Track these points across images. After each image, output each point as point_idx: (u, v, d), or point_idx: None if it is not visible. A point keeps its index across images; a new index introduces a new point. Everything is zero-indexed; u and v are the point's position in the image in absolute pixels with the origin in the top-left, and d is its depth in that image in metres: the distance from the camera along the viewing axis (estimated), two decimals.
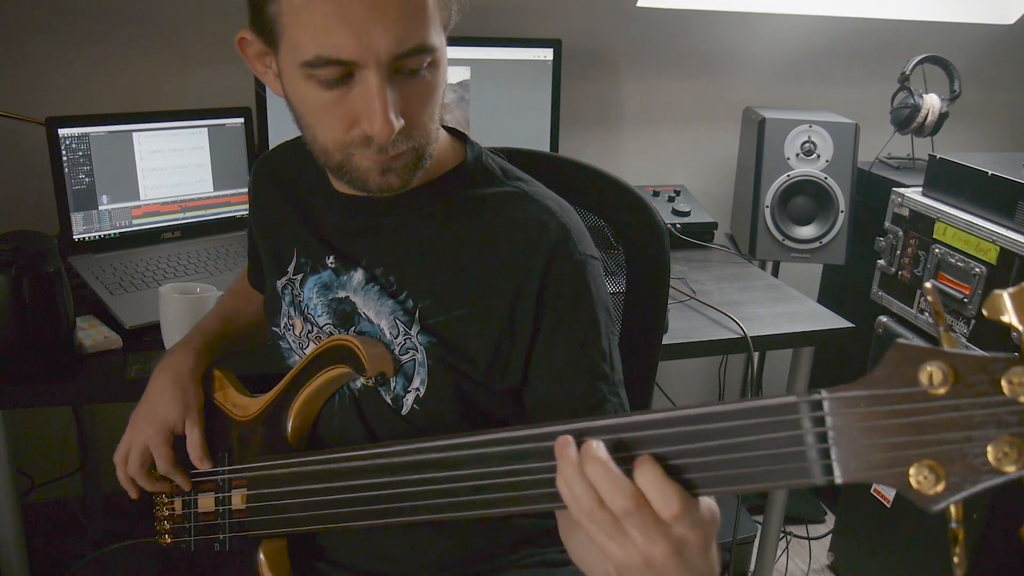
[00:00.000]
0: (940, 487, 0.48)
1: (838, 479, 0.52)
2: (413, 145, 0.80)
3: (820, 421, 0.52)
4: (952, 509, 0.49)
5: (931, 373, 0.48)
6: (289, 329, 0.98)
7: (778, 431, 0.54)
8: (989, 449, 0.46)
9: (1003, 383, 0.46)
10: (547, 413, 0.85)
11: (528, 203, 0.88)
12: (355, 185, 0.83)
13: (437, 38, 0.77)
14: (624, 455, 0.59)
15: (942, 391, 0.48)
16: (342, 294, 0.92)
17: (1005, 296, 0.46)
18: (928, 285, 0.51)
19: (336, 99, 0.76)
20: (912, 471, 0.49)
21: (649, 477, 0.57)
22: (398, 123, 0.76)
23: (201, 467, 0.97)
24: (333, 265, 0.93)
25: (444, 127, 0.92)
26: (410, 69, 0.76)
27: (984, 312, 0.47)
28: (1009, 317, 0.46)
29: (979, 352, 0.47)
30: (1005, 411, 0.46)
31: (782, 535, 2.01)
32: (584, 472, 0.59)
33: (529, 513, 0.67)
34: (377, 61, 0.73)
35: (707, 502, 0.60)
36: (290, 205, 0.99)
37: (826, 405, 0.52)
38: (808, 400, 0.53)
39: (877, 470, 0.50)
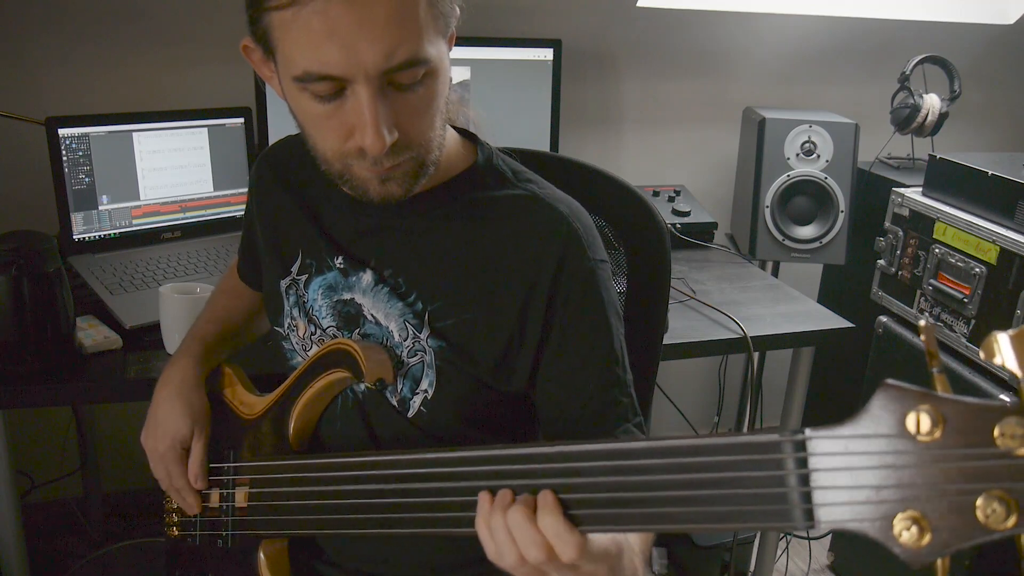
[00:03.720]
0: (926, 541, 0.45)
1: (819, 524, 0.49)
2: (412, 155, 0.79)
3: (803, 462, 0.50)
4: (939, 563, 0.46)
5: (919, 419, 0.45)
6: (293, 330, 0.97)
7: (760, 470, 0.52)
8: (978, 504, 0.43)
9: (995, 433, 0.43)
10: (559, 417, 0.86)
11: (539, 206, 0.87)
12: (357, 193, 0.83)
13: (432, 49, 0.75)
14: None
15: (930, 438, 0.45)
16: (348, 296, 0.92)
17: (1002, 337, 0.44)
18: (923, 323, 0.47)
19: (331, 112, 0.76)
20: (896, 522, 0.46)
21: (551, 526, 0.63)
22: (390, 137, 0.75)
23: (196, 486, 0.97)
24: (341, 266, 0.92)
25: (455, 128, 0.92)
26: (403, 83, 0.75)
27: (981, 354, 0.45)
28: (1003, 360, 0.43)
29: (971, 399, 0.44)
30: (996, 464, 0.43)
31: (782, 535, 2.01)
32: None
33: None
34: (366, 76, 0.72)
35: (597, 540, 0.64)
36: (296, 203, 0.97)
37: (810, 445, 0.50)
38: (792, 440, 0.51)
39: (860, 518, 0.47)
